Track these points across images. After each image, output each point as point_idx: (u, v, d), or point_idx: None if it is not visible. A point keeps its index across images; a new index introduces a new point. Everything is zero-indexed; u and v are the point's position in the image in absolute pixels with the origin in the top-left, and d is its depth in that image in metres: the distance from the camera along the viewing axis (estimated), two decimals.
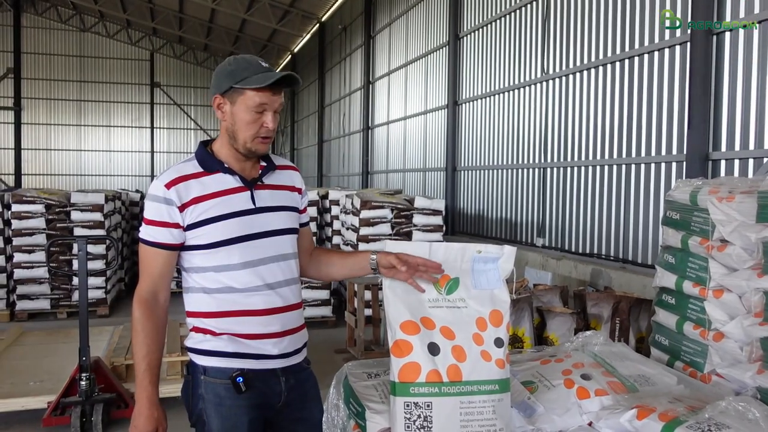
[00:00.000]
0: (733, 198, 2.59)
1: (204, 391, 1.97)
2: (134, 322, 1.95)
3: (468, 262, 2.02)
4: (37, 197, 7.87)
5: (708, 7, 5.40)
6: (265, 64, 1.92)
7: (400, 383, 1.89)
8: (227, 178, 1.97)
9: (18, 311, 7.84)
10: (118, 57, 25.20)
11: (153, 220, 1.92)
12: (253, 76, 1.87)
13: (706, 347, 2.71)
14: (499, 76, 9.48)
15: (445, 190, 11.27)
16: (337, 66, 18.80)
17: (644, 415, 1.98)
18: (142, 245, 1.96)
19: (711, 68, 5.48)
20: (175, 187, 1.92)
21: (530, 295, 3.72)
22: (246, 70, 1.88)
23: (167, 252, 1.94)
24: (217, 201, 1.94)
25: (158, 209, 1.91)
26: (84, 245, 4.35)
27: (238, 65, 1.91)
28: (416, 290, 1.94)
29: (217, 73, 1.96)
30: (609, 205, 6.92)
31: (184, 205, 1.92)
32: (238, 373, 1.93)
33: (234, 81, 1.89)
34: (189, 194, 1.92)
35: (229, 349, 1.96)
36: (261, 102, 1.89)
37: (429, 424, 1.88)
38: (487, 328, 2.00)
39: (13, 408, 4.40)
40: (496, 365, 1.97)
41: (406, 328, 1.92)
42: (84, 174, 24.88)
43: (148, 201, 1.95)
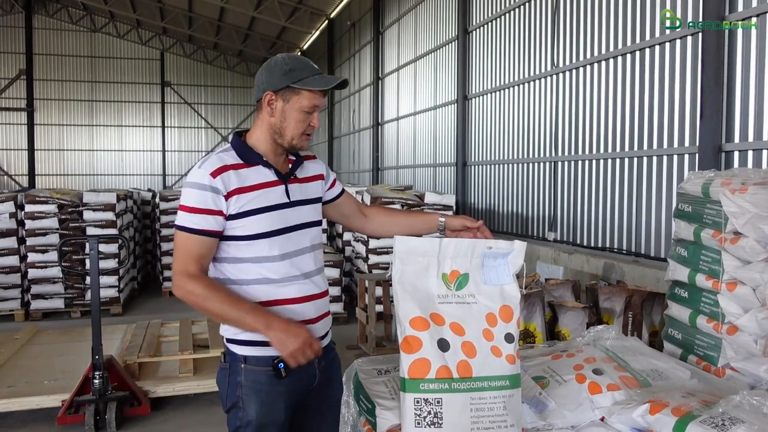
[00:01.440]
0: (746, 190, 2.56)
1: (243, 378, 2.03)
2: (199, 293, 1.93)
3: (478, 258, 2.01)
4: (49, 197, 7.93)
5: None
6: (317, 67, 2.02)
7: (410, 379, 1.88)
8: (265, 172, 2.03)
9: (32, 310, 7.91)
10: (129, 57, 25.31)
11: (197, 208, 1.94)
12: (310, 78, 1.96)
13: (720, 341, 2.69)
14: (509, 70, 9.43)
15: (455, 185, 11.24)
16: (347, 62, 18.79)
17: (657, 409, 1.96)
18: (183, 233, 1.96)
19: (723, 58, 5.41)
20: (220, 176, 1.95)
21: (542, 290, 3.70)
22: (303, 71, 1.96)
23: (210, 239, 1.97)
24: (257, 194, 1.99)
25: (203, 197, 1.94)
26: (95, 244, 4.38)
27: (294, 65, 1.97)
28: (425, 285, 1.95)
29: (270, 71, 2.00)
30: (621, 199, 6.87)
31: (229, 194, 1.96)
32: (279, 359, 1.97)
33: (291, 80, 1.96)
34: (232, 184, 1.96)
35: (254, 338, 2.00)
36: (314, 103, 1.99)
37: (439, 420, 1.87)
38: (497, 323, 1.99)
39: (28, 406, 4.44)
40: (506, 361, 1.96)
41: (416, 324, 1.91)
42: (96, 174, 25.02)
43: (191, 189, 1.95)
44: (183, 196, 1.98)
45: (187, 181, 1.98)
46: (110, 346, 5.43)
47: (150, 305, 8.83)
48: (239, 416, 2.05)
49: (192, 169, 2.01)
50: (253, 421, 2.03)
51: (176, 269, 1.97)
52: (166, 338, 5.69)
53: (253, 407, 2.03)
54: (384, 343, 6.10)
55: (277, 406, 2.05)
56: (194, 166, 2.02)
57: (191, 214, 1.94)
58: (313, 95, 1.98)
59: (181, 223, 1.97)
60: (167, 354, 5.19)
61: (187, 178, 1.99)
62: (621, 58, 6.83)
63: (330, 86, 1.98)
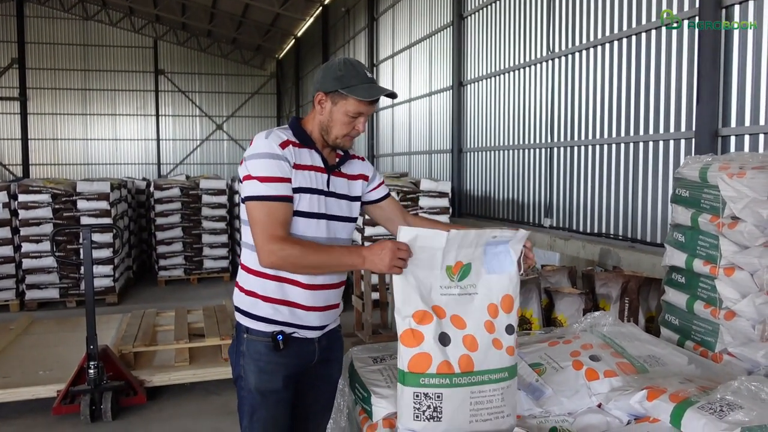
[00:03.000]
0: (744, 174, 2.54)
1: (246, 348, 2.15)
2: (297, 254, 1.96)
3: (482, 247, 1.98)
4: (43, 187, 7.87)
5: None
6: (369, 74, 2.10)
7: (409, 373, 1.87)
8: (315, 156, 2.14)
9: (27, 301, 7.87)
10: (122, 45, 25.04)
11: (275, 177, 2.01)
12: (359, 86, 2.05)
13: (717, 326, 2.68)
14: (504, 56, 9.38)
15: (451, 172, 11.21)
16: (341, 49, 18.67)
17: (655, 396, 1.96)
18: (265, 203, 1.99)
19: (720, 42, 5.38)
20: (287, 147, 2.06)
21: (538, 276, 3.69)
22: (354, 78, 2.06)
23: (290, 205, 2.04)
24: (307, 174, 2.09)
25: (279, 165, 2.02)
26: (88, 234, 4.35)
27: (347, 71, 2.06)
28: (428, 278, 1.94)
29: (325, 73, 2.10)
30: (617, 184, 6.86)
31: (293, 166, 2.06)
32: (278, 331, 2.11)
33: (341, 86, 2.05)
34: (295, 158, 2.07)
35: (277, 317, 2.12)
36: (359, 111, 2.08)
37: (439, 414, 1.87)
38: (499, 314, 1.98)
39: (24, 397, 4.41)
40: (506, 353, 1.96)
41: (419, 318, 1.89)
42: (91, 163, 24.84)
43: (264, 159, 2.02)
44: (255, 167, 2.02)
45: (257, 153, 2.04)
46: (106, 335, 5.41)
47: (146, 294, 8.81)
48: (242, 385, 2.18)
49: (255, 141, 2.07)
50: (253, 389, 2.14)
51: (265, 238, 1.98)
52: (161, 327, 5.67)
53: (253, 376, 2.14)
54: (380, 331, 6.09)
55: (275, 376, 2.14)
56: (256, 139, 2.08)
57: (270, 183, 2.00)
58: (359, 103, 2.07)
59: (262, 193, 2.00)
60: (163, 343, 5.17)
61: (255, 150, 2.04)
62: (617, 42, 6.79)
63: (374, 97, 2.07)
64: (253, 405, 2.17)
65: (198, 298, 8.01)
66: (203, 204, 9.42)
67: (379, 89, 2.10)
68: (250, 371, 2.15)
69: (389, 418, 2.11)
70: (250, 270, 2.14)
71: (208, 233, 9.43)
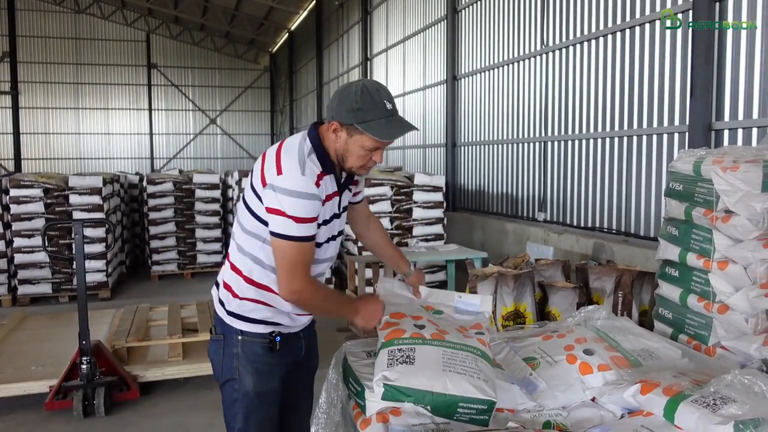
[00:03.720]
0: (737, 167, 2.54)
1: (240, 350, 2.15)
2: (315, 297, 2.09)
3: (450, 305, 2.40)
4: (34, 181, 7.82)
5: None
6: (389, 105, 1.96)
7: (385, 341, 2.07)
8: (332, 182, 2.11)
9: (20, 296, 7.84)
10: (114, 39, 24.92)
11: (310, 218, 1.98)
12: (376, 121, 1.94)
13: (711, 320, 2.68)
14: (499, 50, 9.36)
15: (445, 166, 11.20)
16: (335, 43, 18.61)
17: (648, 389, 1.95)
18: (298, 243, 1.97)
19: (714, 36, 5.38)
20: (321, 182, 2.01)
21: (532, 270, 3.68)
22: (371, 111, 1.94)
23: (315, 241, 2.07)
24: (329, 205, 2.10)
25: (314, 206, 1.98)
26: (80, 229, 4.32)
27: (365, 103, 1.93)
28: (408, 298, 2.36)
29: (341, 101, 1.98)
30: (611, 178, 6.86)
31: (323, 201, 2.05)
32: (276, 333, 2.16)
33: (357, 120, 1.94)
34: (324, 191, 2.04)
35: (276, 320, 2.17)
36: (376, 146, 2.01)
37: (411, 360, 1.99)
38: (468, 330, 2.22)
39: (16, 393, 4.40)
40: (477, 341, 2.14)
41: (396, 315, 2.19)
42: (84, 157, 24.72)
43: (303, 199, 1.94)
44: (291, 206, 1.94)
45: (295, 191, 1.94)
46: (98, 330, 5.38)
47: (138, 289, 8.78)
48: (235, 387, 2.16)
49: (290, 173, 1.95)
50: (250, 391, 2.15)
51: (291, 277, 2.01)
52: (154, 322, 5.65)
53: (250, 378, 2.14)
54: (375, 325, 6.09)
55: (272, 377, 2.18)
56: (291, 171, 1.96)
57: (304, 224, 1.96)
58: (377, 140, 1.98)
59: (294, 233, 1.96)
60: (156, 338, 5.15)
61: (291, 185, 1.94)
62: (611, 36, 6.78)
63: (393, 138, 1.98)
64: (249, 407, 2.16)
65: (191, 293, 7.99)
66: (196, 198, 9.39)
67: (399, 127, 1.98)
68: (247, 373, 2.14)
69: (383, 413, 2.10)
70: (255, 283, 2.14)
71: (201, 228, 9.40)
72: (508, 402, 2.14)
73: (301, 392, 2.41)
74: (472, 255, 6.39)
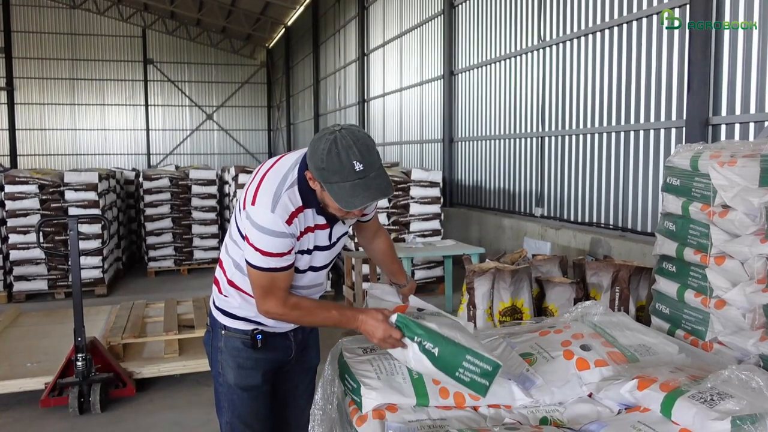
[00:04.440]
0: (735, 162, 2.53)
1: (223, 344, 2.18)
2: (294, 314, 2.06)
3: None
4: (30, 177, 7.79)
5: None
6: (359, 166, 1.79)
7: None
8: (318, 216, 2.05)
9: (15, 292, 7.81)
10: (110, 34, 24.78)
11: (282, 253, 1.96)
12: (340, 185, 1.81)
13: (708, 315, 2.67)
14: (495, 45, 9.34)
15: (442, 161, 11.18)
16: (332, 38, 18.56)
17: (645, 385, 1.94)
18: (267, 273, 1.97)
19: (711, 31, 5.36)
20: (294, 221, 1.96)
21: (529, 266, 3.68)
22: (336, 174, 1.80)
23: (292, 269, 2.05)
24: (310, 236, 2.05)
25: (284, 243, 1.95)
26: (75, 225, 4.29)
27: (330, 164, 1.80)
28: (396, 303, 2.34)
29: (312, 152, 1.87)
30: (608, 173, 6.85)
31: (298, 236, 2.01)
32: (258, 330, 2.15)
33: (322, 180, 1.86)
34: (299, 228, 2.00)
35: (258, 319, 2.15)
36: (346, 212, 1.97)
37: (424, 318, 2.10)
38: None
39: (11, 390, 4.38)
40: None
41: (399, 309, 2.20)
42: (80, 153, 24.63)
43: (270, 237, 1.93)
44: (259, 240, 1.94)
45: (263, 227, 1.92)
46: (95, 327, 5.36)
47: (135, 285, 8.76)
48: (220, 381, 2.22)
49: (260, 208, 1.92)
50: (232, 384, 2.18)
51: (264, 299, 2.01)
52: (150, 319, 5.63)
53: (231, 372, 2.17)
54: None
55: (254, 372, 2.18)
56: (261, 206, 1.93)
57: (273, 258, 1.95)
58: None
59: (264, 265, 1.96)
60: (152, 335, 5.13)
61: (261, 221, 1.92)
62: (608, 31, 6.76)
63: (354, 208, 1.85)
64: (233, 400, 2.20)
65: (188, 289, 7.97)
66: (193, 194, 9.36)
67: (365, 194, 1.81)
68: (229, 367, 2.17)
69: (379, 409, 2.09)
70: (235, 286, 2.14)
71: (198, 224, 9.38)
72: (504, 398, 2.13)
73: (295, 389, 2.39)
74: (469, 251, 6.38)
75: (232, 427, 2.22)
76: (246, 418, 2.21)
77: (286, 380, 2.33)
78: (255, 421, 2.22)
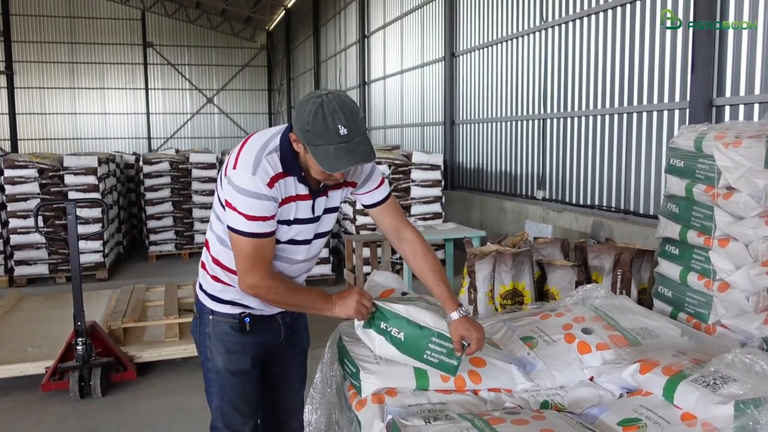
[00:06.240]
0: (740, 143, 2.49)
1: (211, 329, 2.17)
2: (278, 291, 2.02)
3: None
4: (29, 161, 7.75)
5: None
6: (343, 131, 1.80)
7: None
8: (300, 185, 2.01)
9: (16, 277, 7.81)
10: (109, 17, 24.59)
11: (263, 216, 1.93)
12: (324, 148, 1.82)
13: (711, 298, 2.65)
14: (497, 26, 9.23)
15: (443, 144, 11.12)
16: (332, 20, 18.40)
17: (647, 369, 1.93)
18: (250, 239, 1.94)
19: (716, 11, 5.29)
20: (276, 185, 1.94)
21: (530, 249, 3.65)
22: (321, 137, 1.81)
23: (274, 237, 2.01)
24: (292, 205, 2.01)
25: (265, 206, 1.92)
26: (73, 209, 4.26)
27: (315, 127, 1.81)
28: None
29: (297, 114, 1.87)
30: (610, 156, 6.80)
31: (280, 203, 1.98)
32: (246, 314, 2.13)
33: (306, 142, 1.85)
34: (281, 194, 1.97)
35: (244, 302, 2.13)
36: (326, 174, 1.92)
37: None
38: None
39: (12, 374, 4.37)
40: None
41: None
42: (80, 137, 24.54)
43: (251, 199, 1.91)
44: (240, 203, 1.92)
45: (243, 188, 1.91)
46: (95, 311, 5.36)
47: (136, 270, 8.75)
48: (209, 367, 2.21)
49: (241, 171, 1.91)
50: (221, 369, 2.17)
51: (247, 271, 1.97)
52: (151, 303, 5.63)
53: (220, 357, 2.16)
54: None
55: (243, 356, 2.17)
56: (243, 169, 1.91)
57: (256, 222, 1.93)
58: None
59: (247, 230, 1.94)
60: (152, 319, 5.12)
61: (243, 184, 1.90)
62: (611, 11, 6.67)
63: (336, 171, 1.86)
64: (222, 385, 2.19)
65: (189, 273, 7.95)
66: (193, 178, 9.32)
67: (347, 158, 1.82)
68: (218, 352, 2.16)
69: (378, 393, 2.08)
70: (221, 264, 2.12)
71: (198, 207, 9.34)
72: (505, 382, 2.11)
73: (285, 373, 2.37)
74: (470, 234, 6.36)
75: (222, 411, 2.22)
76: (236, 403, 2.20)
77: (276, 364, 2.31)
78: (245, 405, 2.22)
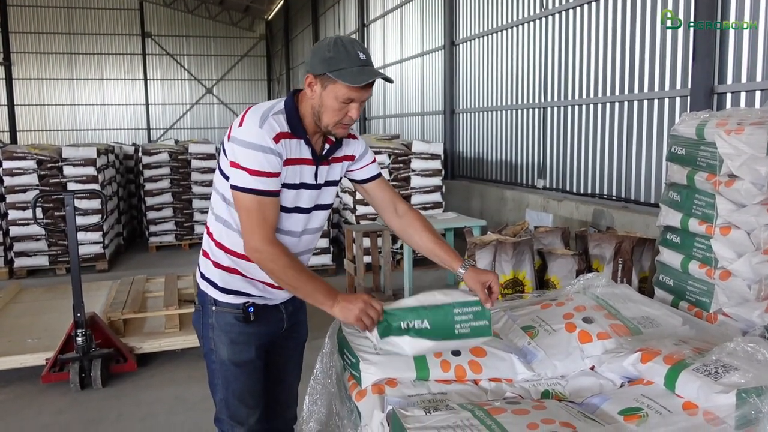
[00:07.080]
0: (742, 130, 2.47)
1: (214, 320, 2.15)
2: (276, 261, 1.93)
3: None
4: (27, 153, 7.73)
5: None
6: (363, 56, 1.92)
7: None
8: (304, 147, 2.02)
9: (16, 268, 7.81)
10: (107, 7, 24.49)
11: (266, 172, 1.91)
12: (348, 70, 1.88)
13: (712, 286, 2.64)
14: (497, 14, 9.18)
15: (443, 133, 11.09)
16: (331, 9, 18.31)
17: (649, 358, 1.91)
18: (256, 197, 1.92)
19: (716, 10, 5.24)
20: (281, 142, 1.94)
21: (531, 238, 3.64)
22: (344, 60, 1.89)
23: (278, 198, 1.98)
24: (296, 168, 2.01)
25: (271, 161, 1.91)
26: (71, 200, 4.25)
27: (337, 53, 1.89)
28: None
29: (314, 53, 1.95)
30: (611, 144, 6.78)
31: (285, 162, 1.97)
32: (250, 303, 2.12)
33: (329, 69, 1.89)
34: (286, 153, 1.96)
35: (249, 291, 2.12)
36: (350, 96, 1.92)
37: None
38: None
39: (12, 365, 4.37)
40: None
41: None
42: (79, 129, 24.49)
43: (256, 152, 1.90)
44: (245, 158, 1.90)
45: (248, 142, 1.90)
46: (95, 302, 5.36)
47: (136, 261, 8.75)
48: (213, 359, 2.18)
49: (248, 124, 1.92)
50: (226, 360, 2.15)
51: (254, 235, 1.93)
52: (151, 294, 5.62)
53: (224, 348, 2.14)
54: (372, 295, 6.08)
55: (247, 347, 2.15)
56: (249, 121, 1.92)
57: (261, 178, 1.91)
58: (349, 88, 1.91)
59: (252, 186, 1.91)
60: (152, 310, 5.12)
61: (246, 137, 1.90)
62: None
63: (364, 83, 1.89)
64: (227, 377, 2.17)
65: (189, 264, 7.95)
66: (193, 169, 9.30)
67: (370, 73, 1.92)
68: (222, 343, 2.14)
69: (379, 384, 2.07)
70: (225, 248, 2.10)
71: (198, 198, 9.33)
72: (506, 371, 2.10)
73: (286, 365, 2.37)
74: (470, 223, 6.34)
75: (227, 403, 2.20)
76: (241, 394, 2.18)
77: (278, 354, 2.31)
78: (250, 396, 2.20)
